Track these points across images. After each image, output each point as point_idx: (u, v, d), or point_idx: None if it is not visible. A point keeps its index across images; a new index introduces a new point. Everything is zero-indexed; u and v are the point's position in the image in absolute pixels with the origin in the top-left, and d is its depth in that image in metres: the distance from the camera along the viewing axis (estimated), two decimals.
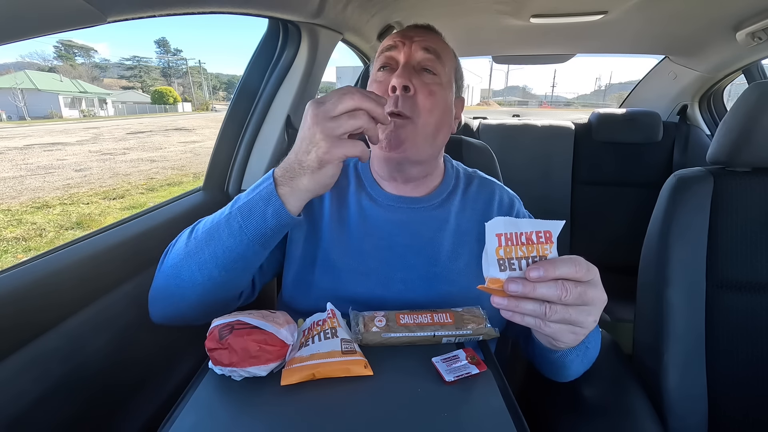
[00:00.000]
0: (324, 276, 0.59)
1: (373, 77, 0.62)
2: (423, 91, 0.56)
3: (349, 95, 0.44)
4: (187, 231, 0.53)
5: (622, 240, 1.59)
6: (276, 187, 0.46)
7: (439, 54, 0.59)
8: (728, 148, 0.69)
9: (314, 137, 0.44)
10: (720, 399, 0.68)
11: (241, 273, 0.51)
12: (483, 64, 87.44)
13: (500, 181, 0.74)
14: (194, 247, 0.49)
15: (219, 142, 0.95)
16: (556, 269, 0.36)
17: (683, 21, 1.22)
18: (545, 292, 0.36)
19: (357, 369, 0.42)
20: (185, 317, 0.53)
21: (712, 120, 1.74)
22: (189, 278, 0.49)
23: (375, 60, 0.64)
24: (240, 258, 0.48)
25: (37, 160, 9.27)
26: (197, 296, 0.50)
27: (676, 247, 0.69)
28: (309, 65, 0.99)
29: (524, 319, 0.38)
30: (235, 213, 0.48)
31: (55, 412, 0.50)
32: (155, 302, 0.54)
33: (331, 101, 0.44)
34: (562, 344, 0.43)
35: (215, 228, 0.49)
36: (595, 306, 0.38)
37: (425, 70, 0.58)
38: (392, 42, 0.60)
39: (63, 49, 74.82)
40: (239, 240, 0.47)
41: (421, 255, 0.60)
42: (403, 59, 0.58)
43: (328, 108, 0.44)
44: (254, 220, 0.47)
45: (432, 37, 0.61)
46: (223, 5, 0.58)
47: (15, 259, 3.80)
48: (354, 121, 0.44)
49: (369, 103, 0.44)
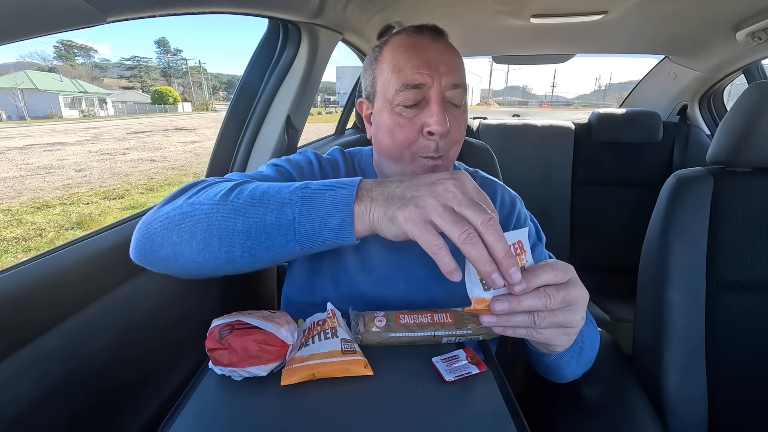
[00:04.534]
0: (326, 275, 0.59)
1: (391, 106, 0.55)
2: (456, 127, 0.56)
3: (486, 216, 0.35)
4: (228, 185, 0.44)
5: (622, 240, 1.59)
6: (355, 200, 0.38)
7: (464, 83, 0.56)
8: (728, 148, 0.69)
9: (420, 202, 0.36)
10: (720, 399, 0.68)
11: (261, 262, 0.43)
12: (483, 64, 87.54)
13: (500, 181, 0.74)
14: (229, 213, 0.40)
15: (219, 142, 0.95)
16: (537, 278, 0.36)
17: (683, 21, 1.22)
18: (531, 303, 0.36)
19: (357, 369, 0.42)
20: (173, 268, 0.44)
21: (712, 120, 1.74)
22: (204, 240, 0.40)
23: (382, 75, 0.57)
24: (273, 250, 0.41)
25: (37, 160, 9.28)
26: (199, 261, 0.42)
27: (676, 247, 0.69)
28: (309, 65, 0.99)
29: (516, 331, 0.39)
30: (297, 203, 0.39)
31: (55, 412, 0.49)
32: (146, 239, 0.44)
33: (474, 192, 0.37)
34: (558, 347, 0.43)
35: (263, 207, 0.40)
36: (580, 304, 0.39)
37: (453, 104, 0.56)
38: (419, 77, 0.53)
39: (63, 49, 74.86)
40: (285, 236, 0.40)
41: (422, 255, 0.59)
42: (435, 98, 0.53)
43: (471, 192, 0.37)
44: (313, 222, 0.39)
45: (454, 62, 0.56)
46: (223, 5, 0.58)
47: (15, 259, 3.80)
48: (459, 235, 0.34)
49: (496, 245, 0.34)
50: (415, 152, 0.55)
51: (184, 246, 0.41)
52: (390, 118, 0.56)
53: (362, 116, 0.64)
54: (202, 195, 0.43)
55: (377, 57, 0.59)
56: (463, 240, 0.34)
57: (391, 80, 0.55)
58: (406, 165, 0.57)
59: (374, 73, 0.59)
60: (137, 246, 0.45)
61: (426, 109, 0.54)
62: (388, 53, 0.57)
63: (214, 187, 0.44)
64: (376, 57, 0.59)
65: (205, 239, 0.41)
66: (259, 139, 1.00)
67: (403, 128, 0.54)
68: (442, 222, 0.35)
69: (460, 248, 0.35)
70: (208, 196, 0.43)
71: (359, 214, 0.38)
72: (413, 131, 0.54)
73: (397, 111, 0.55)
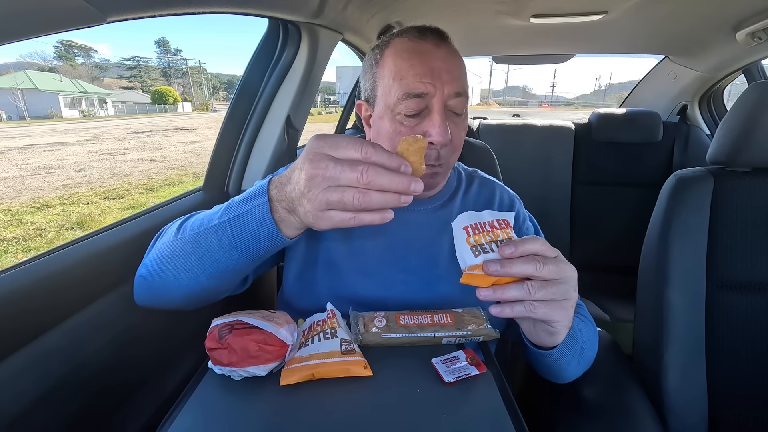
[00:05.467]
0: (325, 276, 0.59)
1: (392, 113, 0.55)
2: (456, 135, 0.56)
3: (358, 146, 0.35)
4: (177, 223, 0.49)
5: (622, 240, 1.59)
6: (272, 212, 0.40)
7: (467, 90, 0.56)
8: (728, 148, 0.69)
9: (304, 192, 0.37)
10: (720, 399, 0.68)
11: (231, 280, 0.48)
12: (483, 64, 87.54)
13: (500, 181, 0.74)
14: (181, 249, 0.46)
15: (219, 142, 0.95)
16: (526, 244, 0.39)
17: (683, 21, 1.22)
18: (522, 266, 0.38)
19: (356, 369, 0.42)
20: (170, 306, 0.52)
21: (712, 120, 1.74)
22: (174, 278, 0.47)
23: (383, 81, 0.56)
24: (230, 270, 0.45)
25: (37, 160, 9.28)
26: (182, 296, 0.48)
27: (676, 247, 0.69)
28: (309, 65, 0.99)
29: (513, 308, 0.39)
30: (225, 225, 0.43)
31: (55, 412, 0.49)
32: (140, 288, 0.51)
33: (341, 146, 0.36)
34: (558, 325, 0.42)
35: (203, 235, 0.44)
36: (571, 277, 0.41)
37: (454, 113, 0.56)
38: (422, 86, 0.52)
39: (63, 49, 74.90)
40: (229, 254, 0.43)
41: (422, 256, 0.60)
42: (437, 108, 0.53)
43: (341, 152, 0.36)
44: (246, 238, 0.42)
45: (457, 70, 0.55)
46: (223, 5, 0.58)
47: (15, 259, 3.80)
48: (343, 195, 0.35)
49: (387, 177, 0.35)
50: None
51: (168, 285, 0.48)
52: (391, 125, 0.55)
53: (361, 118, 0.64)
54: (162, 239, 0.50)
55: (378, 60, 0.58)
56: (365, 181, 0.35)
57: (392, 87, 0.54)
58: None
59: (375, 77, 0.58)
60: (138, 297, 0.53)
61: (428, 119, 0.53)
62: (390, 58, 0.56)
63: (168, 230, 0.51)
64: (376, 60, 0.58)
65: (176, 276, 0.47)
66: (259, 139, 1.00)
67: (403, 135, 0.54)
68: (337, 198, 0.36)
69: (368, 186, 0.35)
70: (166, 239, 0.49)
71: (280, 221, 0.41)
72: None
73: (398, 119, 0.55)
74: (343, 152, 0.36)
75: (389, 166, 0.36)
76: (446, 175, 0.59)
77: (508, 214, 0.42)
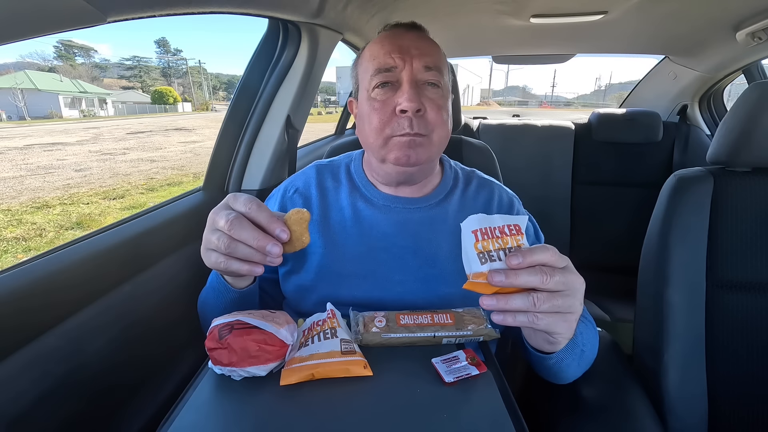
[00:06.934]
0: (322, 281, 0.59)
1: (368, 93, 0.58)
2: (432, 107, 0.56)
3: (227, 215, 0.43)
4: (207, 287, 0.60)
5: (622, 240, 1.59)
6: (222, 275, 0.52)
7: (440, 67, 0.58)
8: (728, 148, 0.69)
9: None
10: (720, 398, 0.68)
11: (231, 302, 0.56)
12: (483, 64, 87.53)
13: (500, 181, 0.74)
14: (204, 310, 0.61)
15: (219, 142, 0.95)
16: (534, 255, 0.37)
17: (683, 21, 1.22)
18: (528, 278, 0.37)
19: (356, 369, 0.42)
20: None
21: (712, 120, 1.74)
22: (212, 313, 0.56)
23: (362, 68, 0.60)
24: (237, 303, 0.54)
25: (37, 160, 9.28)
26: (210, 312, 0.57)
27: (676, 247, 0.69)
28: (309, 65, 0.99)
29: (516, 318, 0.39)
30: (213, 281, 0.56)
31: (55, 412, 0.49)
32: None
33: (222, 212, 0.43)
34: (559, 336, 0.43)
35: (204, 297, 0.59)
36: (577, 289, 0.40)
37: (429, 84, 0.57)
38: (391, 61, 0.56)
39: (63, 49, 74.91)
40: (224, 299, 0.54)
41: (418, 256, 0.59)
42: (407, 78, 0.55)
43: (216, 219, 0.43)
44: (222, 295, 0.54)
45: (427, 47, 0.58)
46: (223, 5, 0.58)
47: (15, 259, 3.80)
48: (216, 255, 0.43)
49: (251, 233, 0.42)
50: (389, 134, 0.56)
51: None
52: (367, 104, 0.58)
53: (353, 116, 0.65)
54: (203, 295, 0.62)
55: (360, 56, 0.62)
56: (228, 229, 0.41)
57: (367, 69, 0.58)
58: (383, 151, 0.58)
59: (356, 71, 0.62)
60: None
61: (399, 91, 0.56)
62: (367, 49, 0.60)
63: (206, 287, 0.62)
64: (358, 56, 0.63)
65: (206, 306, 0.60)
66: (259, 139, 1.00)
67: (377, 111, 0.56)
68: (214, 239, 0.42)
69: (230, 234, 0.41)
70: (206, 295, 0.60)
71: (229, 281, 0.53)
72: (387, 113, 0.56)
73: (373, 96, 0.57)
74: (236, 205, 0.43)
75: (264, 226, 0.42)
76: (430, 151, 0.57)
77: (520, 219, 0.40)
